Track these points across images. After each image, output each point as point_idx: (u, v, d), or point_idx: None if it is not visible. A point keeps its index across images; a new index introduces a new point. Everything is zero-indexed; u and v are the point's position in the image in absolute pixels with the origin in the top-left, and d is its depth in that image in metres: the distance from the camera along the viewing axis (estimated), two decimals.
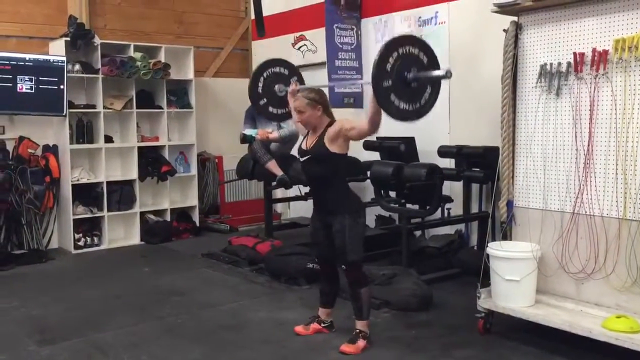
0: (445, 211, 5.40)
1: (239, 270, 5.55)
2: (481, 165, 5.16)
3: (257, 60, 8.12)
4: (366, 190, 6.30)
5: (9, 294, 4.93)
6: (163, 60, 6.89)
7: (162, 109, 7.05)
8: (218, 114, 7.76)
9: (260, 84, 4.31)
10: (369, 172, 5.52)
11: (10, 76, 6.04)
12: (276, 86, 4.31)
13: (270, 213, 6.56)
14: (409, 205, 5.50)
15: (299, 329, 3.91)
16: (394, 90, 3.22)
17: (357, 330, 3.65)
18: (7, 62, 6.02)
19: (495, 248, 3.82)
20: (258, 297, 4.82)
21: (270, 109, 4.35)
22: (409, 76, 3.26)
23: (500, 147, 4.11)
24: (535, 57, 3.87)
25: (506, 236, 4.05)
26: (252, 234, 6.26)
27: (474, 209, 5.52)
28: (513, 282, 3.69)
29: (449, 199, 5.43)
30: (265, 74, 4.33)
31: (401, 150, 5.59)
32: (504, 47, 3.99)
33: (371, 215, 6.43)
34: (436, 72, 3.35)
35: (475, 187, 5.48)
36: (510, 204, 4.02)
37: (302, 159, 3.75)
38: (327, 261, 3.86)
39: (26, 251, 6.12)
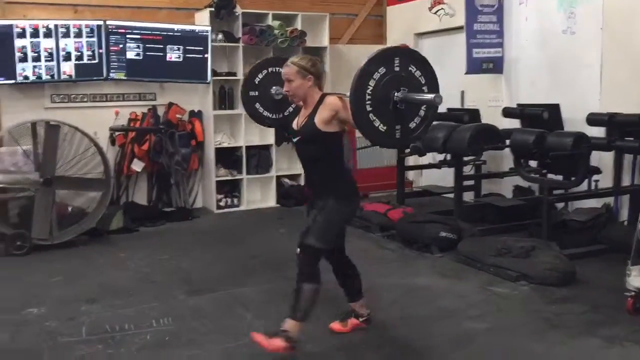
0: (592, 183, 5.05)
1: (370, 236, 5.61)
2: (636, 134, 4.74)
3: (392, 26, 8.03)
4: (504, 159, 6.06)
5: (161, 248, 5.37)
6: (299, 28, 7.02)
7: None
8: (350, 81, 7.77)
9: (261, 75, 3.80)
10: (508, 141, 5.30)
11: (161, 46, 6.47)
12: (273, 87, 3.75)
13: (402, 180, 6.52)
14: (551, 176, 5.22)
15: (336, 325, 3.49)
16: (374, 110, 2.80)
17: (282, 330, 3.04)
18: (159, 33, 6.45)
19: None
20: (389, 262, 4.84)
21: (258, 105, 3.82)
22: (397, 95, 2.82)
23: None
24: None
25: None
26: (383, 200, 6.27)
27: (626, 181, 5.10)
28: None
29: (597, 170, 5.06)
30: (270, 69, 3.81)
31: (544, 118, 5.29)
32: None
33: (508, 186, 6.19)
34: (423, 96, 2.89)
35: (627, 157, 5.06)
36: None
37: (294, 140, 3.31)
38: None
39: (174, 209, 6.61)
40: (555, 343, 3.29)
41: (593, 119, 5.04)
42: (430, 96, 2.85)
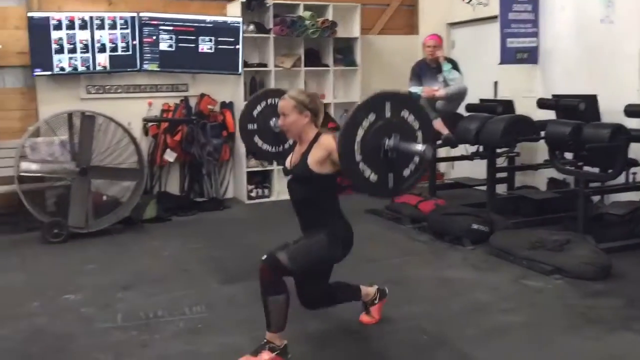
0: (630, 176, 4.95)
1: (401, 228, 5.59)
2: None
3: (424, 16, 7.94)
4: (538, 151, 5.96)
5: (194, 237, 5.44)
6: (330, 19, 6.99)
7: (329, 67, 7.18)
8: (383, 72, 7.71)
9: (259, 107, 3.75)
10: (542, 132, 5.22)
11: (194, 37, 6.52)
12: (272, 120, 3.65)
13: (434, 172, 6.48)
14: (587, 168, 5.12)
15: (364, 318, 3.50)
16: (364, 159, 2.66)
17: (265, 341, 3.01)
18: (191, 25, 6.50)
19: None
20: (421, 254, 4.82)
21: (256, 138, 3.79)
22: (388, 143, 2.69)
23: None
24: None
25: None
26: (415, 192, 6.22)
27: None
28: None
29: (635, 163, 4.94)
30: (269, 101, 3.74)
31: (580, 109, 5.18)
32: None
33: (543, 178, 6.10)
34: (413, 147, 2.73)
35: None
36: None
37: (286, 178, 3.21)
38: (303, 286, 3.23)
39: (206, 199, 6.67)
40: (590, 338, 3.23)
41: (631, 110, 4.91)
42: (420, 148, 2.72)
